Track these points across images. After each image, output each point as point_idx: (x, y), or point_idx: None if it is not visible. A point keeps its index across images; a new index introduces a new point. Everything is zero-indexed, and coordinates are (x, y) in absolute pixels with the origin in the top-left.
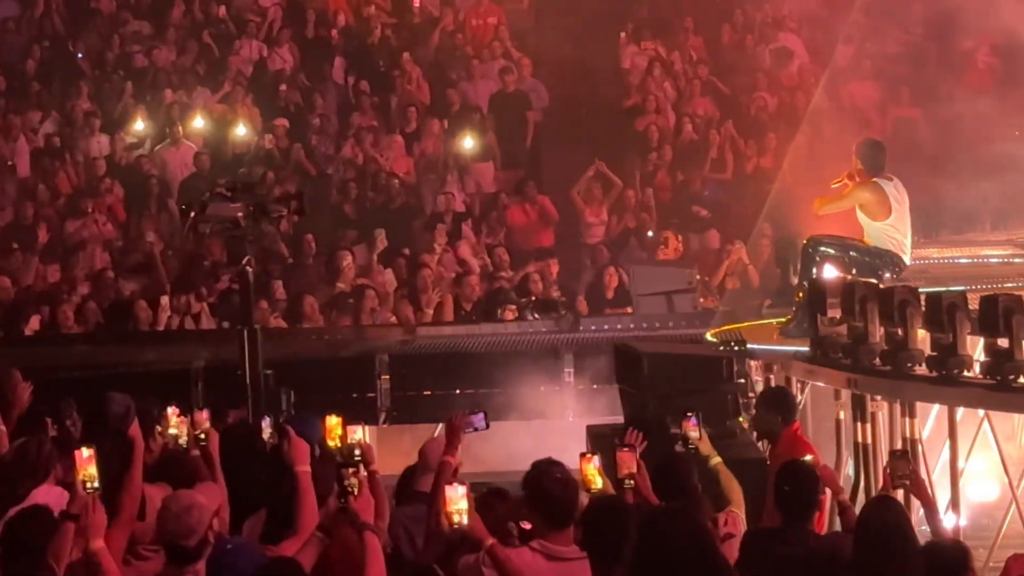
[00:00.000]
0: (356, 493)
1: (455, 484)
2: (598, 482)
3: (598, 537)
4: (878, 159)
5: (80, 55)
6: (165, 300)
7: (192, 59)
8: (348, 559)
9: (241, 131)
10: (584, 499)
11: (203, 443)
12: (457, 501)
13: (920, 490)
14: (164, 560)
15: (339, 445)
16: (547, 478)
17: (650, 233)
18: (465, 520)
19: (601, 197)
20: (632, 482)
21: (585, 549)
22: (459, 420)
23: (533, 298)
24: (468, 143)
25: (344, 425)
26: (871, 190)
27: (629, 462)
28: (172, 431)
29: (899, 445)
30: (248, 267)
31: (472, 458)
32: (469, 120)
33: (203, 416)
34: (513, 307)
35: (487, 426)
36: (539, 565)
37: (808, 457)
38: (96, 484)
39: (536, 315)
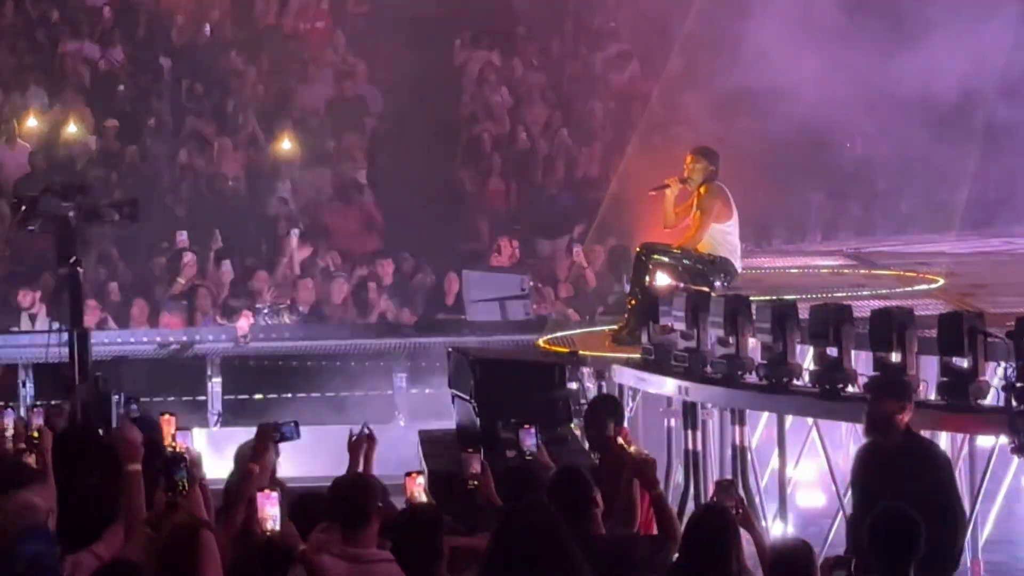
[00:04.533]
0: (186, 488)
1: (267, 491)
2: (423, 500)
3: (407, 549)
4: (718, 164)
5: None
6: None
7: (24, 59)
8: (180, 556)
9: (73, 130)
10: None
11: (36, 442)
12: (268, 508)
13: (747, 522)
14: None
15: (172, 445)
16: (341, 480)
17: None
18: (277, 527)
19: None
20: (476, 483)
21: (397, 559)
22: (266, 429)
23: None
24: (304, 147)
25: (176, 426)
26: (720, 193)
27: (474, 464)
28: None
29: (729, 452)
30: (77, 267)
31: (302, 463)
32: (306, 124)
33: (36, 415)
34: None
35: (298, 435)
36: (339, 568)
37: (633, 449)
38: None
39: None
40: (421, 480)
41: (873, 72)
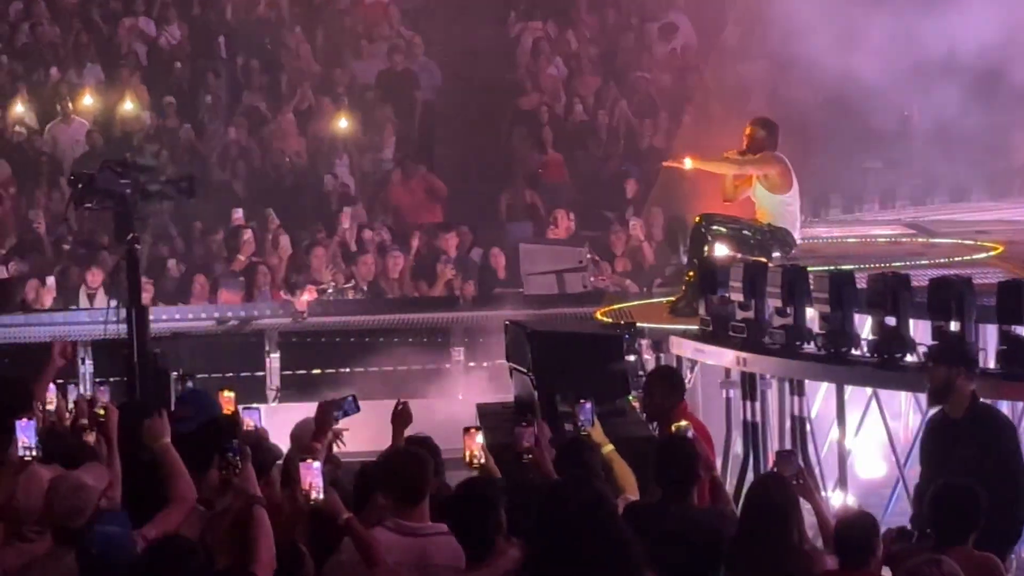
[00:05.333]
0: (240, 466)
1: (308, 461)
2: (480, 458)
3: (464, 523)
4: (777, 136)
5: None
6: (51, 281)
7: (79, 37)
8: (234, 532)
9: (129, 107)
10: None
11: (102, 420)
12: (311, 478)
13: (807, 492)
14: (50, 542)
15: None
16: (396, 454)
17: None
18: (320, 496)
19: None
20: (531, 456)
21: (455, 534)
22: (327, 406)
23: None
24: (358, 122)
25: (237, 403)
26: (779, 161)
27: (526, 438)
28: (50, 407)
29: (788, 423)
30: (135, 244)
31: (360, 437)
32: (360, 99)
33: (102, 393)
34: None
35: (357, 409)
36: (391, 541)
37: (683, 423)
38: None
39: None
40: (480, 438)
41: (929, 38)
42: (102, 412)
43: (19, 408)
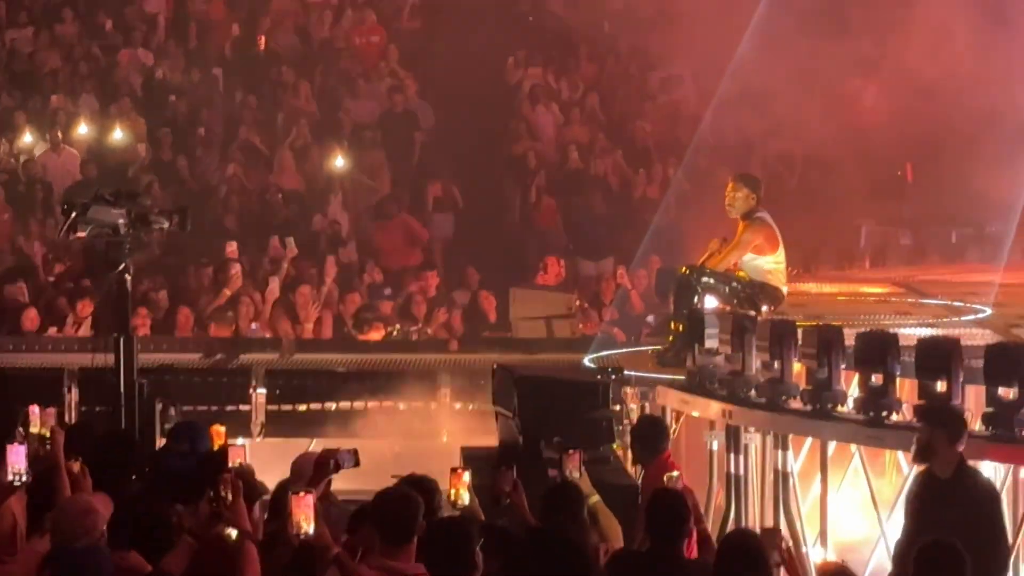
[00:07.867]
0: (230, 499)
1: (301, 494)
2: (465, 498)
3: (438, 559)
4: (760, 191)
5: None
6: (53, 330)
7: (78, 66)
8: (221, 565)
9: (122, 138)
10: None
11: (47, 443)
12: (303, 511)
13: (791, 568)
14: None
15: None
16: (385, 495)
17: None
18: (311, 529)
19: None
20: (508, 500)
21: (429, 571)
22: (327, 455)
23: (397, 325)
24: (354, 161)
25: (226, 439)
26: (761, 229)
27: (505, 481)
28: (33, 430)
29: (771, 476)
30: (126, 275)
31: (344, 475)
32: (358, 139)
33: (49, 415)
34: (380, 324)
35: (357, 463)
36: None
37: (674, 474)
38: None
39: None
40: (467, 477)
41: (933, 96)
42: (47, 434)
43: (3, 433)
